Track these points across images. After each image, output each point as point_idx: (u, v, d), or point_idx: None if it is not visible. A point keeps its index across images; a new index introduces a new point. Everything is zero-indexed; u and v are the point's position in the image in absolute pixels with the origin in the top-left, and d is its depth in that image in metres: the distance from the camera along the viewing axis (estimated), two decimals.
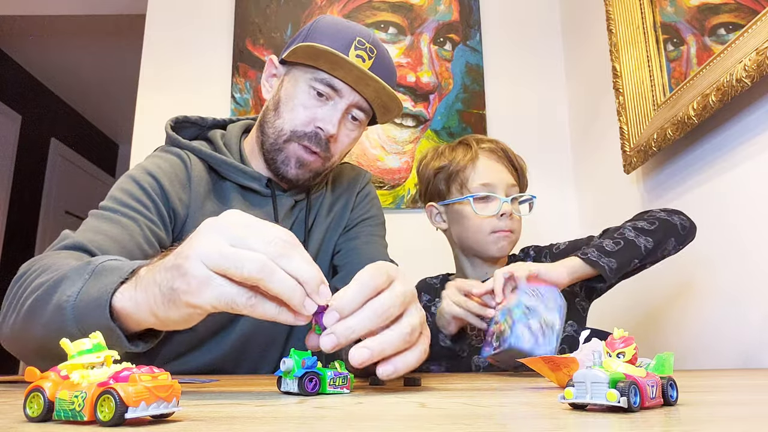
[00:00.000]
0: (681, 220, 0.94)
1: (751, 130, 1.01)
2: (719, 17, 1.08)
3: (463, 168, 1.08)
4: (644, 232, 0.91)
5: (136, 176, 0.84)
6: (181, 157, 0.89)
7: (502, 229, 1.05)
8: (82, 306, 0.52)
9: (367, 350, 0.46)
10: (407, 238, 1.81)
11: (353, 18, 1.93)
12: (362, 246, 0.98)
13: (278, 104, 0.89)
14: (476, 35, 1.94)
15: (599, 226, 1.68)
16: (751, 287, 1.01)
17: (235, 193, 0.91)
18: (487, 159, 1.08)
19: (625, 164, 1.41)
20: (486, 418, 0.33)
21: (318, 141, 0.87)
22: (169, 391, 0.30)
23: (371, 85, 0.86)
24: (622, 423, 0.30)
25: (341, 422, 0.32)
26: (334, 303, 0.46)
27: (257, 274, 0.42)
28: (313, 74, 0.86)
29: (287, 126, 0.87)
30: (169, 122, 0.96)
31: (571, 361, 0.48)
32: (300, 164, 0.88)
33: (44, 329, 0.56)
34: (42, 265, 0.64)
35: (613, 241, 0.90)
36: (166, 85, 1.90)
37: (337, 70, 0.85)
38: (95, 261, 0.57)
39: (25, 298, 0.60)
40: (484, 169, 1.07)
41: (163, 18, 1.97)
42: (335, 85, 0.86)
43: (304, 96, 0.87)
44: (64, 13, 2.85)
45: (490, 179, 1.06)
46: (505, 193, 1.06)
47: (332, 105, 0.87)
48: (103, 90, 4.20)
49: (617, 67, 1.45)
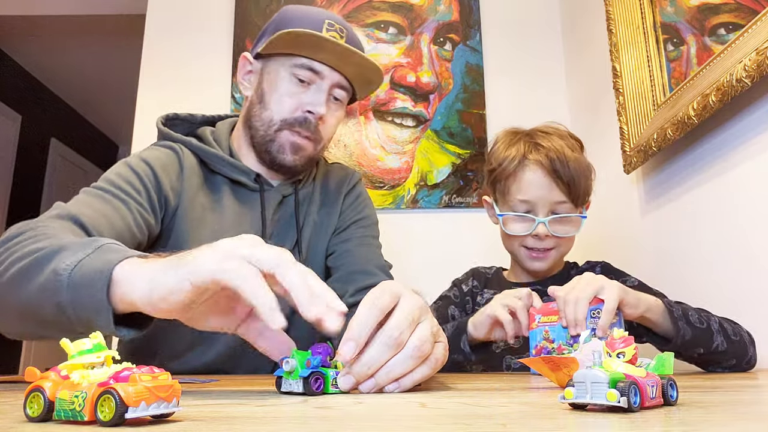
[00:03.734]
0: (752, 354, 0.85)
1: (751, 130, 1.01)
2: (719, 17, 1.08)
3: (506, 176, 1.02)
4: (725, 334, 0.82)
5: (131, 162, 0.87)
6: (174, 149, 0.92)
7: (534, 247, 1.01)
8: (79, 275, 0.52)
9: (373, 380, 0.48)
10: (407, 238, 1.81)
11: (353, 18, 1.93)
12: (355, 248, 0.98)
13: (263, 97, 0.91)
14: (476, 35, 1.94)
15: (599, 226, 1.69)
16: (751, 287, 1.01)
17: (225, 186, 0.93)
18: (533, 173, 1.00)
19: (625, 164, 1.41)
20: (486, 418, 0.33)
21: (308, 125, 0.89)
22: (169, 391, 0.30)
23: (353, 61, 0.88)
24: (622, 423, 0.30)
25: (341, 422, 0.32)
26: (347, 334, 0.47)
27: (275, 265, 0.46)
28: (292, 61, 0.89)
29: (276, 116, 0.90)
30: (160, 119, 0.99)
31: (571, 361, 0.48)
32: (295, 150, 0.91)
33: (35, 293, 0.55)
34: (37, 232, 0.63)
35: (698, 317, 0.82)
36: (166, 85, 1.90)
37: (319, 53, 0.88)
38: (101, 240, 0.57)
39: (15, 260, 0.58)
40: (526, 185, 1.00)
41: (163, 18, 1.97)
42: (316, 68, 0.89)
43: (287, 84, 0.89)
44: (64, 13, 2.85)
45: (530, 196, 1.00)
46: (549, 211, 1.00)
47: (316, 88, 0.90)
48: (103, 90, 4.21)
49: (617, 67, 1.45)
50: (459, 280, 1.14)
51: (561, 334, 0.77)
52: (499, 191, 1.05)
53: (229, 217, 0.91)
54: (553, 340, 0.78)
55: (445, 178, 1.83)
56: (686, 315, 0.81)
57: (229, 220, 0.91)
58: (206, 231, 0.88)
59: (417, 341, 0.49)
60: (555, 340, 0.78)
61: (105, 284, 0.50)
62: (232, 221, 0.91)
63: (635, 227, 1.44)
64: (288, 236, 0.95)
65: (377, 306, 0.49)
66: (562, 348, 0.76)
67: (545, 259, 1.02)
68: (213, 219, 0.90)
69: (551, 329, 0.79)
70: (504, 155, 1.04)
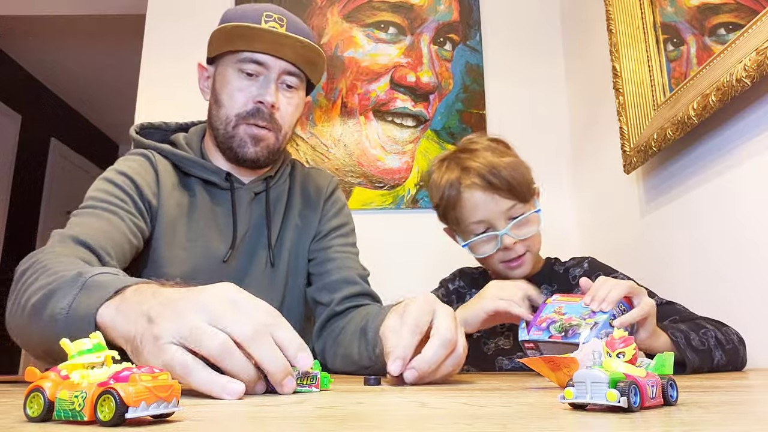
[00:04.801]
0: (742, 355, 0.86)
1: (751, 130, 1.01)
2: (719, 17, 1.08)
3: (452, 206, 1.03)
4: (722, 347, 0.82)
5: (109, 176, 0.90)
6: (146, 156, 0.95)
7: (509, 259, 1.01)
8: (72, 321, 0.54)
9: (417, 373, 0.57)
10: (407, 238, 1.81)
11: (353, 18, 1.93)
12: (335, 255, 1.01)
13: (217, 97, 0.94)
14: (476, 35, 1.94)
15: (598, 226, 1.69)
16: (751, 287, 1.01)
17: (198, 187, 0.96)
18: (473, 195, 1.00)
19: (625, 164, 1.41)
20: (486, 418, 0.33)
21: (262, 115, 0.92)
22: (169, 391, 0.30)
23: (289, 45, 0.90)
24: (622, 423, 0.30)
25: (341, 422, 0.32)
26: (396, 353, 0.57)
27: (216, 354, 0.45)
28: (235, 57, 0.92)
29: (231, 112, 0.92)
30: (133, 128, 1.02)
31: (571, 361, 0.48)
32: (255, 141, 0.93)
33: (42, 335, 0.59)
34: (42, 265, 0.65)
35: (698, 337, 0.81)
36: (166, 85, 1.90)
37: (254, 43, 0.90)
38: (86, 273, 0.58)
39: (26, 300, 0.62)
40: (473, 207, 1.01)
41: (163, 18, 1.97)
42: (258, 59, 0.91)
43: (235, 80, 0.92)
44: (64, 13, 2.85)
45: (481, 216, 1.00)
46: (505, 219, 1.00)
47: (263, 79, 0.92)
48: (103, 90, 4.21)
49: (617, 67, 1.45)
50: (446, 280, 1.16)
51: (577, 309, 0.75)
52: (452, 221, 1.05)
53: (203, 216, 0.94)
54: (564, 313, 0.75)
55: None
56: (689, 341, 0.79)
57: (203, 220, 0.94)
58: (181, 232, 0.92)
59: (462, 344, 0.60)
60: (567, 313, 0.75)
61: (92, 329, 0.52)
62: (206, 221, 0.94)
63: (635, 227, 1.44)
64: (262, 234, 0.98)
65: (420, 329, 0.59)
66: (572, 319, 0.73)
67: (522, 264, 1.02)
68: (188, 220, 0.93)
69: (567, 306, 0.76)
70: (441, 187, 1.04)
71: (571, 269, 1.07)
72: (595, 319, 0.71)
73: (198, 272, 0.89)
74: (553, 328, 0.73)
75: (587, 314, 0.73)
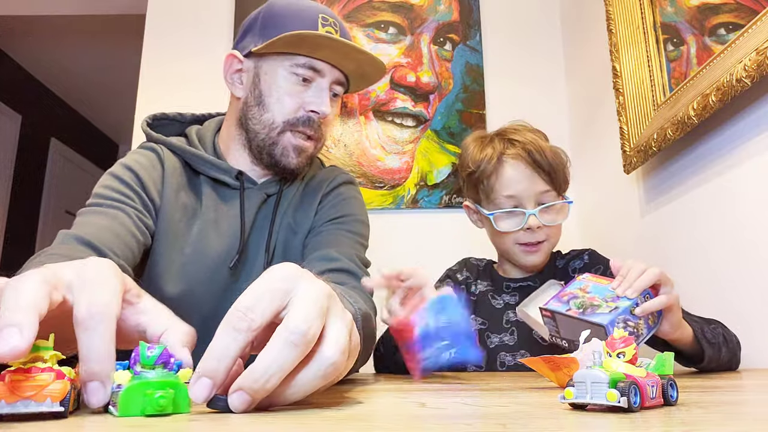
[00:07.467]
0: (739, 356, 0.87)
1: (751, 130, 1.01)
2: (719, 17, 1.08)
3: (488, 176, 1.01)
4: (726, 344, 0.83)
5: (115, 172, 0.87)
6: (155, 150, 0.92)
7: (527, 241, 1.01)
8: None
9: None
10: (407, 238, 1.81)
11: (353, 18, 1.93)
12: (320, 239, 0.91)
13: (261, 98, 0.89)
14: (476, 35, 1.94)
15: (598, 226, 1.69)
16: (750, 287, 1.01)
17: (207, 186, 0.92)
18: (513, 168, 1.00)
19: (625, 164, 1.41)
20: (486, 418, 0.33)
21: (311, 125, 0.88)
22: (39, 391, 0.29)
23: (354, 57, 0.87)
24: (622, 423, 0.30)
25: (341, 422, 0.32)
26: (199, 367, 0.35)
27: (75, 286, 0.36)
28: (291, 60, 0.87)
29: (278, 117, 0.88)
30: (145, 120, 0.98)
31: (571, 361, 0.48)
32: (299, 152, 0.89)
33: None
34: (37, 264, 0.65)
35: (711, 333, 0.81)
36: (166, 85, 1.90)
37: (319, 51, 0.86)
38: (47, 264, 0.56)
39: None
40: (508, 180, 1.00)
41: (163, 18, 1.97)
42: (316, 66, 0.87)
43: (287, 84, 0.87)
44: (64, 13, 2.85)
45: (515, 190, 0.99)
46: (535, 202, 0.99)
47: (317, 86, 0.88)
48: (103, 90, 4.21)
49: (617, 67, 1.45)
50: (452, 270, 1.15)
51: (602, 291, 0.74)
52: (483, 192, 1.04)
53: (210, 216, 0.90)
54: (589, 292, 0.75)
55: (445, 178, 1.83)
56: (703, 333, 0.79)
57: (210, 220, 0.90)
58: (182, 234, 0.88)
59: (337, 342, 0.36)
60: (591, 293, 0.75)
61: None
62: (212, 221, 0.90)
63: (635, 227, 1.44)
64: (262, 236, 0.93)
65: (253, 321, 0.35)
66: (595, 299, 0.73)
67: (538, 252, 1.02)
68: (193, 219, 0.89)
69: (594, 285, 0.76)
70: (480, 157, 1.02)
71: (571, 262, 1.08)
72: (617, 304, 0.71)
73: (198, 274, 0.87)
74: (574, 303, 0.73)
75: (611, 297, 0.73)
